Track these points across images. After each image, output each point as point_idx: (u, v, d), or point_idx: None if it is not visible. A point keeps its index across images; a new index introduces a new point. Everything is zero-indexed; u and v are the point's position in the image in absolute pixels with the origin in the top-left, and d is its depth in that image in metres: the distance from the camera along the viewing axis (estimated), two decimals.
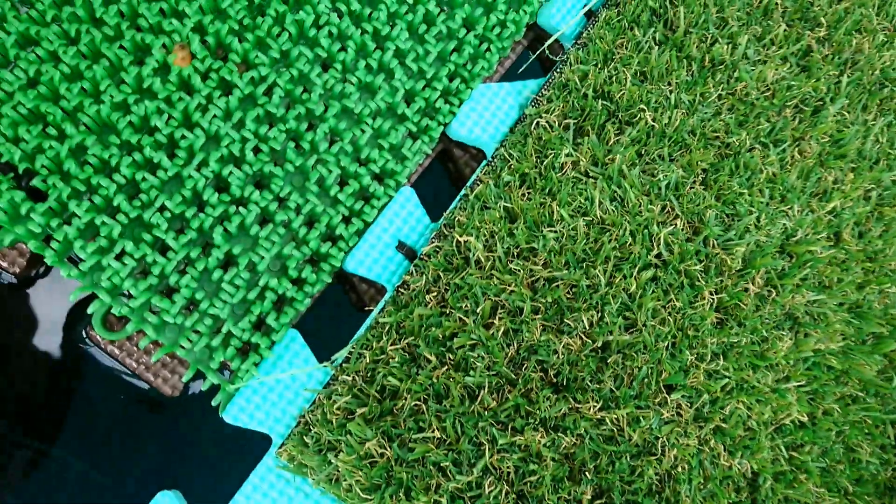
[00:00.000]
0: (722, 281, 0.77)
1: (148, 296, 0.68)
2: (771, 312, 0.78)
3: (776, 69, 0.84)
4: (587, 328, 0.72)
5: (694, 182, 0.79)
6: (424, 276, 0.72)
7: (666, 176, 0.78)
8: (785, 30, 0.86)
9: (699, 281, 0.76)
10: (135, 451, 0.77)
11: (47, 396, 0.76)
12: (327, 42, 0.76)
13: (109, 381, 0.76)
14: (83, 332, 0.75)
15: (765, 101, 0.83)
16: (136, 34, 0.72)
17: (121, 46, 0.72)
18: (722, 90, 0.82)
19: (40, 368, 0.76)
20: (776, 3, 0.87)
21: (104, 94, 0.71)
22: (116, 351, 0.72)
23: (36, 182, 0.68)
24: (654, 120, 0.79)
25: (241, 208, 0.71)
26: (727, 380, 0.74)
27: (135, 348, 0.72)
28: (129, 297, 0.69)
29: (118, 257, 0.69)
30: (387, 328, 0.70)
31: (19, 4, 0.72)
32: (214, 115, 0.73)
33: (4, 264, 0.72)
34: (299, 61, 0.75)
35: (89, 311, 0.68)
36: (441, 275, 0.72)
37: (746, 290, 0.77)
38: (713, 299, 0.76)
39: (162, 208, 0.70)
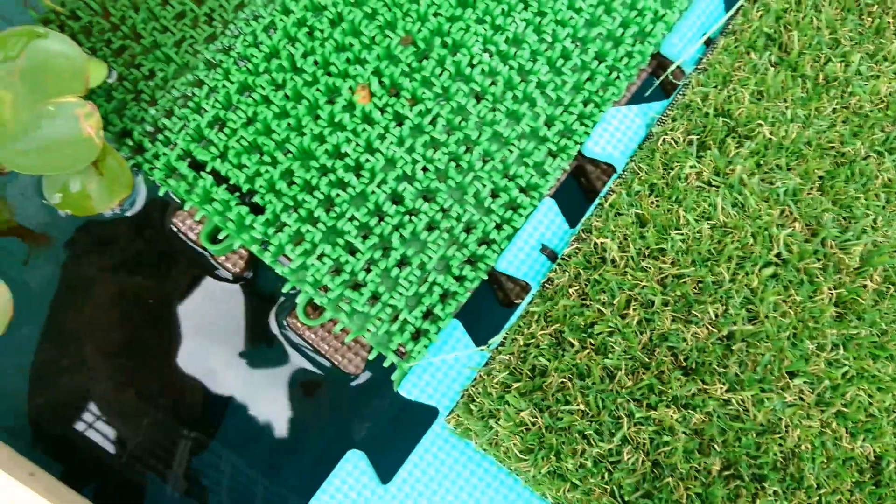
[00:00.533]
0: (840, 278, 0.84)
1: (341, 289, 0.84)
2: (889, 307, 0.84)
3: (889, 83, 0.91)
4: (713, 319, 0.82)
5: (811, 188, 0.87)
6: (566, 273, 0.84)
7: (784, 183, 0.86)
8: None
9: (818, 278, 0.83)
10: (323, 419, 0.93)
11: (252, 373, 0.94)
12: (480, 78, 0.91)
13: (303, 360, 0.93)
14: (283, 321, 0.92)
15: (879, 112, 0.90)
16: (328, 79, 0.90)
17: (317, 89, 0.90)
18: (836, 104, 0.90)
19: (250, 351, 0.93)
20: (888, 23, 0.94)
21: (305, 127, 0.88)
22: (312, 336, 0.89)
23: (256, 199, 0.86)
24: (771, 133, 0.88)
25: (412, 217, 0.87)
26: (847, 368, 0.81)
27: (326, 333, 0.88)
28: (326, 290, 0.86)
29: (318, 258, 0.85)
30: (535, 317, 0.83)
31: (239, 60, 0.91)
32: (391, 142, 0.88)
33: (228, 265, 0.90)
34: (457, 95, 0.90)
35: (297, 301, 0.85)
36: (581, 272, 0.84)
37: (865, 286, 0.84)
38: (832, 294, 0.83)
39: (351, 218, 0.86)
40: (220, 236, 0.86)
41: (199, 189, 0.86)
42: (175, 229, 0.90)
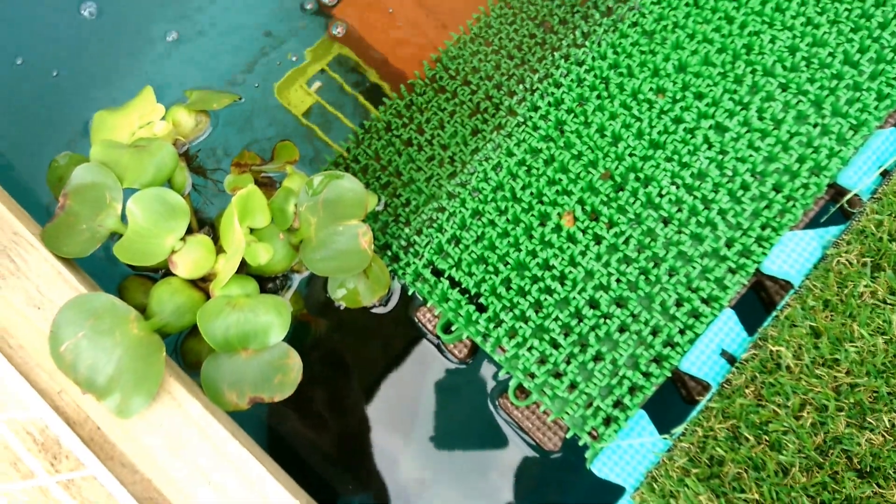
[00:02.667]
0: None
1: (545, 377, 1.03)
2: None
3: None
4: (888, 427, 0.88)
5: None
6: (744, 375, 0.96)
7: None
8: None
9: None
10: (526, 487, 1.10)
11: (469, 440, 1.14)
12: (668, 206, 1.09)
13: (511, 434, 1.12)
14: (495, 401, 1.13)
15: None
16: (541, 206, 1.13)
17: (532, 215, 1.13)
18: None
19: (468, 421, 1.15)
20: None
21: (521, 244, 1.11)
22: (518, 414, 1.08)
23: (481, 300, 1.09)
24: None
25: (607, 320, 1.04)
26: None
27: (531, 413, 1.07)
28: (533, 377, 1.05)
29: (528, 350, 1.06)
30: (714, 412, 0.95)
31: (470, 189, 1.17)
32: (590, 258, 1.08)
33: (455, 351, 1.13)
34: (648, 220, 1.08)
35: (510, 384, 1.05)
36: (757, 375, 0.95)
37: None
38: None
39: (556, 318, 1.06)
40: (452, 328, 1.10)
41: (438, 291, 1.11)
42: (417, 321, 1.15)
